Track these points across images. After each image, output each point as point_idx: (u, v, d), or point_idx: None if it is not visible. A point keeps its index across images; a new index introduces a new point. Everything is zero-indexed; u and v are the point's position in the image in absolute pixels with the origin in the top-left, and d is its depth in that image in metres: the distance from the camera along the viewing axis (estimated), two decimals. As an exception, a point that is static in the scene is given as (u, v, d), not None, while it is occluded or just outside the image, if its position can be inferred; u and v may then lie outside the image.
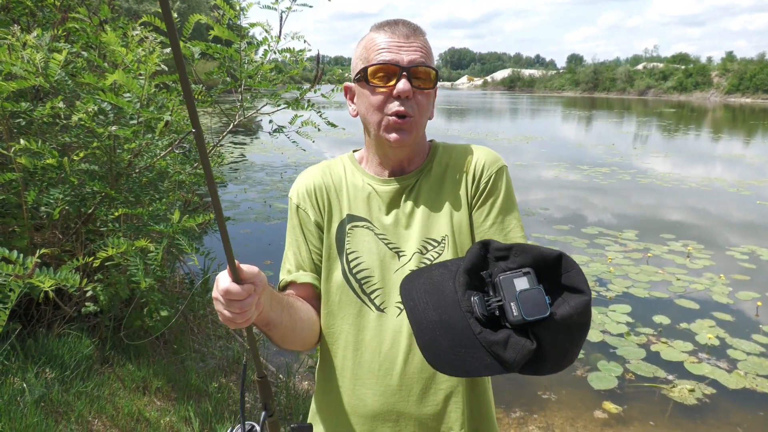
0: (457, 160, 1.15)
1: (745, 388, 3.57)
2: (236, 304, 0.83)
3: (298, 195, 1.16)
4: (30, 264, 1.69)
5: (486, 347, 0.77)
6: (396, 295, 1.07)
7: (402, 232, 1.10)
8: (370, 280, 1.09)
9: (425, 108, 1.08)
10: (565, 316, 0.75)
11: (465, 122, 27.33)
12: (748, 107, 46.59)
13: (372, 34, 1.08)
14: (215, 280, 0.86)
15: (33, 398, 2.21)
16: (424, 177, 1.14)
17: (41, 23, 3.04)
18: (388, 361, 1.07)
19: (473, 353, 0.78)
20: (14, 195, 2.57)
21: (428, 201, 1.12)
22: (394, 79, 1.03)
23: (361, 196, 1.13)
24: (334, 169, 1.18)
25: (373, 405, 1.08)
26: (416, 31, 1.07)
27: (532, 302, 0.75)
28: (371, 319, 1.08)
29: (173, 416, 2.54)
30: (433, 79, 1.07)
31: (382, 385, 1.08)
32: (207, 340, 3.47)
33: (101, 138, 2.49)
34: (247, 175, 10.48)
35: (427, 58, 1.06)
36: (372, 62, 1.05)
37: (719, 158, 14.90)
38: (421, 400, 1.07)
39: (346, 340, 1.11)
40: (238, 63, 2.87)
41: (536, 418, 3.22)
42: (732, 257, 6.22)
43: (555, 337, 0.76)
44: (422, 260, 1.08)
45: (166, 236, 2.41)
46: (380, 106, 1.05)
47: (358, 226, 1.12)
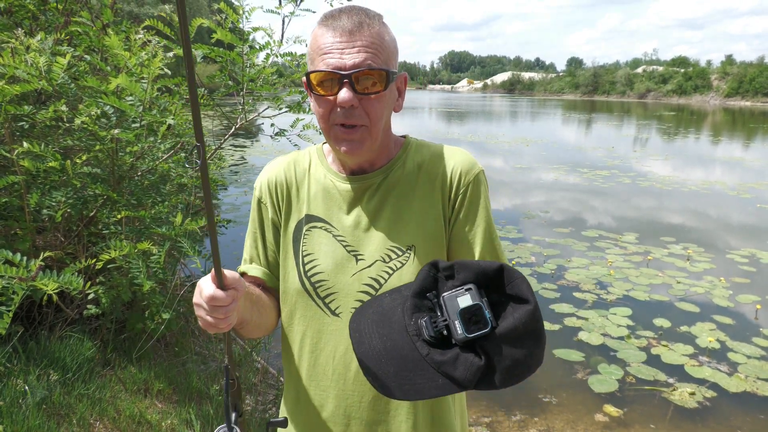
0: (431, 163, 1.08)
1: (745, 391, 3.57)
2: (221, 310, 0.84)
3: (261, 188, 1.14)
4: (33, 267, 1.70)
5: (435, 368, 0.77)
6: (352, 299, 1.04)
7: (362, 235, 1.05)
8: (324, 283, 1.05)
9: (378, 113, 0.98)
10: (510, 327, 0.76)
11: (465, 125, 27.35)
12: (747, 110, 46.64)
13: (316, 30, 0.98)
14: (197, 286, 0.86)
15: (35, 400, 2.21)
16: (393, 176, 1.07)
17: (44, 27, 3.05)
18: (341, 366, 1.06)
19: (422, 375, 0.78)
20: (17, 198, 2.58)
21: (396, 204, 1.06)
22: (336, 88, 0.94)
23: (322, 194, 1.09)
24: (300, 162, 1.14)
25: (325, 406, 1.08)
26: (362, 23, 0.94)
27: (474, 318, 0.76)
28: (326, 323, 1.06)
29: (174, 419, 2.54)
30: (384, 79, 0.96)
31: (335, 389, 1.07)
32: (208, 343, 3.47)
33: (104, 141, 2.50)
34: (248, 178, 10.49)
35: (375, 55, 0.94)
36: (314, 68, 0.96)
37: (719, 161, 14.91)
38: (372, 407, 1.06)
39: (302, 343, 1.10)
40: (240, 66, 2.88)
41: (537, 421, 3.22)
42: (732, 260, 6.22)
43: (502, 350, 0.76)
44: (384, 269, 1.03)
45: (168, 239, 2.42)
46: (325, 115, 0.98)
47: (316, 227, 1.08)
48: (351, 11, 0.96)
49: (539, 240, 6.87)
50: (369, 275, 1.04)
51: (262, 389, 3.17)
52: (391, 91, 1.01)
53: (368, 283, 1.04)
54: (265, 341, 3.69)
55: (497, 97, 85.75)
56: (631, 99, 73.97)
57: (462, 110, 41.88)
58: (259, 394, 3.11)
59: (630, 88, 78.16)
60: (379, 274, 1.04)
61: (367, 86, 0.95)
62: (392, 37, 1.01)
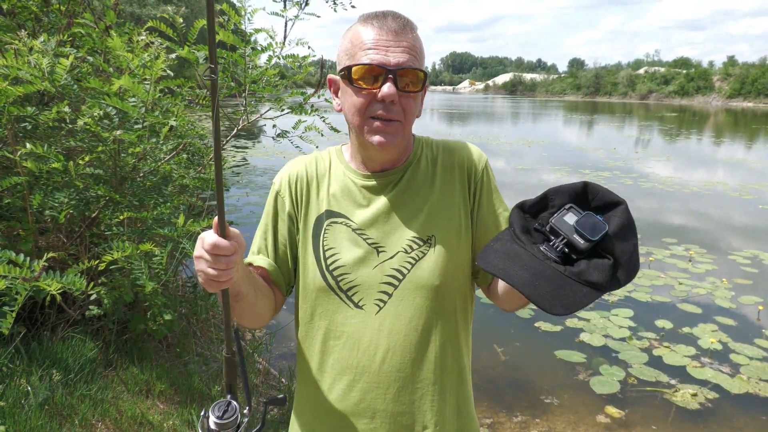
0: (444, 156, 1.14)
1: (747, 393, 3.57)
2: (223, 260, 0.84)
3: (281, 182, 1.16)
4: (37, 267, 1.70)
5: (576, 279, 0.83)
6: (375, 291, 1.06)
7: (383, 228, 1.08)
8: (347, 276, 1.07)
9: (411, 111, 1.04)
10: (618, 225, 0.83)
11: (467, 126, 27.35)
12: (749, 111, 46.56)
13: (359, 27, 1.02)
14: (199, 239, 0.87)
15: (37, 401, 2.22)
16: (410, 172, 1.11)
17: (47, 28, 3.06)
18: (366, 358, 1.06)
19: (570, 288, 0.83)
20: (19, 199, 2.58)
21: (415, 197, 1.09)
22: (379, 82, 0.99)
23: (341, 191, 1.11)
24: (320, 161, 1.17)
25: (349, 401, 1.08)
26: (406, 26, 1.01)
27: (590, 226, 0.83)
28: (349, 317, 1.07)
29: (176, 419, 2.54)
30: (421, 80, 1.02)
31: (360, 382, 1.07)
32: (210, 344, 3.48)
33: (106, 142, 2.51)
34: (250, 179, 10.50)
35: (416, 58, 1.01)
36: (357, 62, 1.00)
37: (721, 162, 14.89)
38: (397, 398, 1.07)
39: (325, 336, 1.10)
40: (242, 68, 2.89)
41: (538, 423, 3.22)
42: (734, 261, 6.21)
43: (621, 246, 0.83)
44: (407, 259, 1.06)
45: (170, 240, 2.42)
46: (363, 108, 1.01)
47: (336, 222, 1.10)
48: (395, 14, 1.03)
49: (541, 241, 6.87)
50: (391, 266, 1.06)
51: (264, 390, 3.18)
52: (423, 94, 1.08)
53: (391, 274, 1.06)
54: (266, 342, 3.70)
55: (499, 98, 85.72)
56: (632, 100, 73.88)
57: (464, 111, 41.88)
58: (260, 395, 3.11)
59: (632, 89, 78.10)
60: (402, 264, 1.06)
61: (408, 84, 1.01)
62: (423, 46, 1.08)
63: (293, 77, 3.27)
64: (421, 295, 1.06)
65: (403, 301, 1.06)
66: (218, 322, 3.70)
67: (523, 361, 3.98)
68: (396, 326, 1.06)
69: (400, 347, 1.06)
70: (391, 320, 1.06)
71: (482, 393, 3.51)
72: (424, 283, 1.05)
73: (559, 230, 0.84)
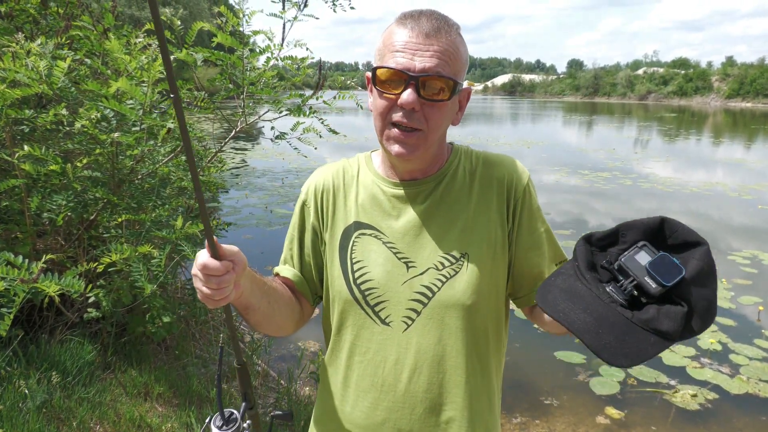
0: (484, 170, 1.07)
1: (747, 393, 3.56)
2: (214, 280, 0.83)
3: (308, 192, 1.12)
4: (35, 269, 1.70)
5: (644, 327, 0.76)
6: (403, 308, 1.01)
7: (413, 241, 1.03)
8: (374, 291, 1.03)
9: (438, 121, 0.96)
10: (697, 269, 0.76)
11: (466, 127, 27.37)
12: (748, 112, 46.60)
13: (393, 27, 0.97)
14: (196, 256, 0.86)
15: (35, 404, 2.22)
16: (446, 184, 1.05)
17: (45, 31, 3.06)
18: (392, 377, 1.03)
19: (636, 337, 0.76)
20: (17, 201, 2.58)
21: (449, 211, 1.04)
22: (401, 87, 0.93)
23: (370, 200, 1.07)
24: (348, 169, 1.12)
25: (373, 418, 1.05)
26: (440, 29, 0.93)
27: (665, 268, 0.75)
28: (375, 333, 1.03)
29: (175, 422, 2.54)
30: (449, 88, 0.94)
31: (385, 400, 1.04)
32: (208, 346, 3.47)
33: (104, 144, 2.50)
34: (249, 181, 10.50)
35: (447, 64, 0.93)
36: (383, 64, 0.95)
37: (720, 163, 14.89)
38: (424, 420, 1.03)
39: (350, 351, 1.07)
40: (240, 70, 2.89)
41: (538, 424, 3.21)
42: (734, 262, 6.21)
43: (698, 293, 0.76)
44: (437, 276, 1.01)
45: (168, 242, 2.42)
46: (384, 112, 0.97)
47: (365, 234, 1.05)
48: (432, 15, 0.95)
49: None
50: (421, 283, 1.01)
51: (263, 392, 3.17)
52: (453, 103, 0.99)
53: (420, 291, 1.02)
54: (264, 344, 3.69)
55: (498, 99, 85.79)
56: (631, 101, 73.98)
57: (463, 112, 41.86)
58: (259, 397, 3.10)
59: (631, 90, 78.22)
60: (432, 282, 1.01)
61: (433, 92, 0.94)
62: (466, 49, 0.99)
63: (292, 79, 3.27)
64: (451, 314, 1.01)
65: (432, 320, 1.01)
66: (218, 324, 3.69)
67: (523, 362, 3.97)
68: (424, 345, 1.02)
69: (427, 367, 1.02)
70: (419, 339, 1.02)
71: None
72: (454, 303, 1.01)
73: (629, 270, 0.77)
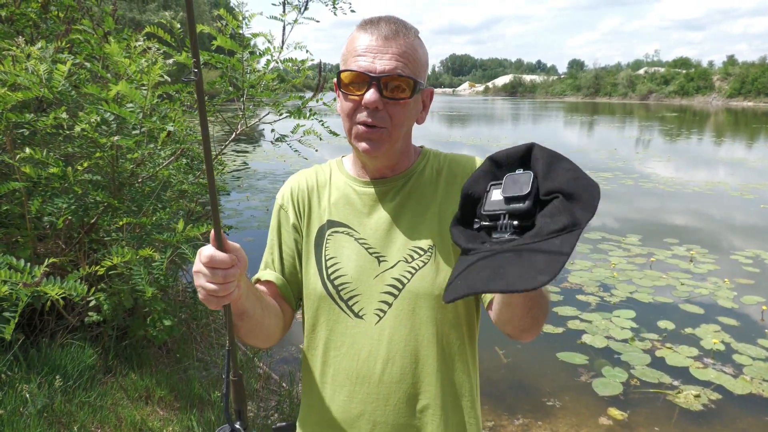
0: (449, 168, 1.13)
1: (751, 394, 3.55)
2: (220, 273, 0.82)
3: (283, 197, 1.17)
4: (38, 272, 1.70)
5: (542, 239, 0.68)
6: (375, 300, 1.06)
7: (384, 237, 1.08)
8: (347, 286, 1.07)
9: (401, 118, 1.03)
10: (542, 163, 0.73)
11: (467, 128, 27.37)
12: (750, 111, 46.53)
13: (355, 33, 1.05)
14: (197, 253, 0.85)
15: (36, 408, 2.21)
16: (413, 181, 1.11)
17: (45, 35, 3.07)
18: (365, 369, 1.06)
19: (541, 253, 0.67)
20: (17, 205, 2.58)
21: (417, 207, 1.09)
22: (364, 88, 0.99)
23: (343, 200, 1.12)
24: (321, 172, 1.18)
25: (350, 411, 1.08)
26: (398, 32, 1.00)
27: (516, 185, 0.73)
28: (349, 326, 1.07)
29: (176, 426, 2.53)
30: (410, 87, 1.01)
31: (360, 393, 1.07)
32: (210, 349, 3.47)
33: (104, 148, 2.50)
34: (250, 183, 10.51)
35: (406, 64, 1.00)
36: (347, 67, 1.02)
37: (722, 162, 14.87)
38: (399, 410, 1.05)
39: (325, 346, 1.10)
40: (240, 72, 2.89)
41: (540, 425, 3.20)
42: (736, 261, 6.19)
43: (558, 178, 0.72)
44: (407, 268, 1.06)
45: (169, 245, 2.42)
46: (350, 113, 1.03)
47: (338, 231, 1.10)
48: (390, 20, 1.03)
49: (542, 243, 6.85)
50: (392, 276, 1.06)
51: (265, 395, 3.17)
52: (416, 102, 1.05)
53: (391, 283, 1.06)
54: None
55: (499, 100, 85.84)
56: (633, 100, 73.92)
57: (464, 113, 41.91)
58: (261, 400, 3.10)
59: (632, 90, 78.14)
60: (402, 274, 1.06)
61: (394, 91, 1.00)
62: (425, 51, 1.06)
63: (292, 81, 3.27)
64: (422, 304, 1.05)
65: (403, 311, 1.05)
66: (219, 326, 3.69)
67: (525, 363, 3.96)
68: (396, 336, 1.05)
69: (399, 357, 1.05)
70: (391, 330, 1.05)
71: (484, 395, 3.50)
72: (423, 293, 1.05)
73: (494, 212, 0.74)
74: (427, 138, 19.73)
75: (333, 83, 1.12)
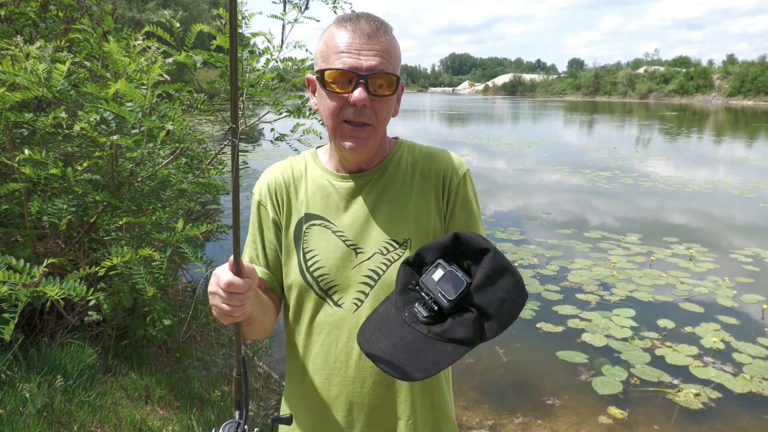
0: (424, 162, 1.15)
1: (751, 392, 3.55)
2: (237, 297, 0.87)
3: (261, 192, 1.18)
4: (37, 273, 1.70)
5: (439, 339, 0.82)
6: (353, 290, 1.10)
7: (361, 229, 1.11)
8: (326, 277, 1.10)
9: (384, 115, 1.05)
10: (481, 276, 0.82)
11: (466, 127, 27.36)
12: (750, 110, 46.53)
13: (333, 30, 1.03)
14: (213, 274, 0.89)
15: (36, 408, 2.21)
16: (389, 174, 1.13)
17: (44, 34, 3.06)
18: (343, 354, 1.11)
19: (433, 350, 0.82)
20: (17, 205, 2.58)
21: (393, 200, 1.12)
22: (351, 86, 1.00)
23: (320, 192, 1.14)
24: (296, 165, 1.19)
25: (329, 394, 1.13)
26: (379, 29, 1.01)
27: (453, 283, 0.83)
28: (329, 314, 1.11)
29: (176, 425, 2.53)
30: (393, 84, 1.03)
31: (337, 376, 1.12)
32: (209, 348, 3.47)
33: (103, 147, 2.50)
34: (250, 183, 10.47)
35: (389, 61, 1.01)
36: (330, 65, 1.01)
37: (722, 161, 14.87)
38: (373, 392, 1.11)
39: (307, 332, 1.15)
40: (240, 72, 2.89)
41: (540, 424, 3.20)
42: (736, 260, 6.19)
43: (486, 297, 0.82)
44: (382, 260, 1.09)
45: (169, 245, 2.42)
46: (336, 111, 1.03)
47: (315, 224, 1.13)
48: (369, 17, 1.03)
49: (542, 242, 6.85)
50: (368, 267, 1.09)
51: (264, 394, 3.17)
52: (395, 96, 1.08)
53: (368, 275, 1.10)
54: (266, 346, 3.69)
55: (498, 99, 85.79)
56: (632, 99, 73.90)
57: (463, 113, 41.91)
58: (261, 399, 3.10)
59: (632, 89, 78.11)
60: (378, 266, 1.09)
61: (380, 89, 1.02)
62: (398, 47, 1.08)
63: (291, 80, 3.27)
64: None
65: (378, 300, 1.08)
66: (218, 326, 3.69)
67: (525, 362, 3.96)
68: None
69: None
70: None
71: (484, 394, 3.50)
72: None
73: (427, 289, 0.85)
74: (427, 137, 19.73)
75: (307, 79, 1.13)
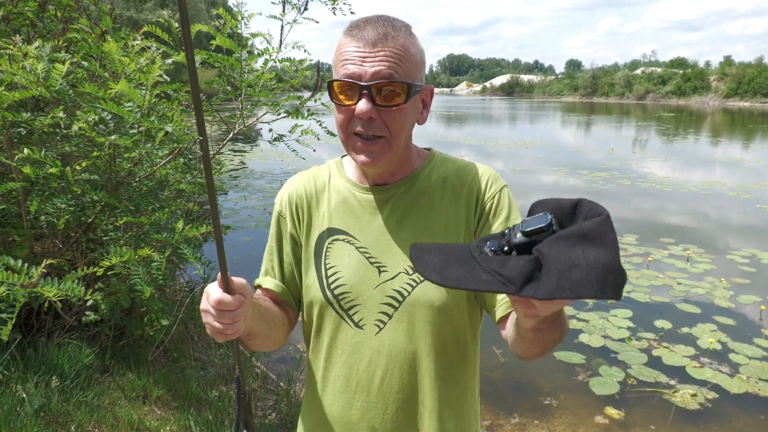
0: (457, 177, 1.08)
1: (747, 393, 3.56)
2: (228, 315, 0.84)
3: (281, 203, 1.14)
4: (35, 273, 1.70)
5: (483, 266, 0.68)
6: (375, 311, 1.04)
7: (385, 246, 1.05)
8: (347, 295, 1.05)
9: (398, 125, 0.97)
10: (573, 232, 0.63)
11: (464, 128, 27.38)
12: (746, 111, 46.69)
13: (342, 38, 0.97)
14: (204, 292, 0.87)
15: (33, 408, 2.21)
16: (417, 187, 1.07)
17: (42, 34, 3.06)
18: (365, 378, 1.06)
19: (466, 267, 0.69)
20: (14, 205, 2.57)
21: (420, 216, 1.05)
22: (355, 98, 0.94)
23: (343, 206, 1.09)
24: (319, 176, 1.14)
25: (350, 418, 1.08)
26: (386, 35, 0.93)
27: (534, 220, 0.69)
28: (350, 335, 1.06)
29: (173, 425, 2.53)
30: (404, 92, 0.94)
31: (359, 401, 1.07)
32: (207, 348, 3.46)
33: (101, 147, 2.50)
34: (247, 183, 10.49)
35: (399, 66, 0.93)
36: (336, 76, 0.96)
37: (719, 162, 14.91)
38: (396, 419, 1.06)
39: (328, 352, 1.10)
40: (238, 72, 2.89)
41: (537, 424, 3.21)
42: (733, 261, 6.21)
43: (559, 249, 0.63)
44: (407, 281, 1.03)
45: (168, 245, 2.41)
46: (344, 124, 0.98)
47: (338, 239, 1.08)
48: (377, 22, 0.95)
49: (539, 242, 6.86)
50: (392, 287, 1.03)
51: (262, 395, 3.16)
52: (414, 103, 0.99)
53: (391, 295, 1.04)
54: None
55: (496, 100, 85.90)
56: (630, 101, 74.08)
57: (461, 113, 41.93)
58: (258, 399, 3.10)
59: (629, 90, 78.28)
60: (403, 286, 1.03)
61: (388, 98, 0.94)
62: (419, 48, 0.99)
63: (290, 81, 3.27)
64: (420, 317, 1.04)
65: (402, 323, 1.04)
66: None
67: (522, 362, 3.97)
68: (395, 348, 1.04)
69: (398, 369, 1.05)
70: (391, 342, 1.05)
71: (481, 395, 3.48)
72: (423, 306, 1.03)
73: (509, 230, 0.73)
74: (425, 138, 19.74)
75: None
